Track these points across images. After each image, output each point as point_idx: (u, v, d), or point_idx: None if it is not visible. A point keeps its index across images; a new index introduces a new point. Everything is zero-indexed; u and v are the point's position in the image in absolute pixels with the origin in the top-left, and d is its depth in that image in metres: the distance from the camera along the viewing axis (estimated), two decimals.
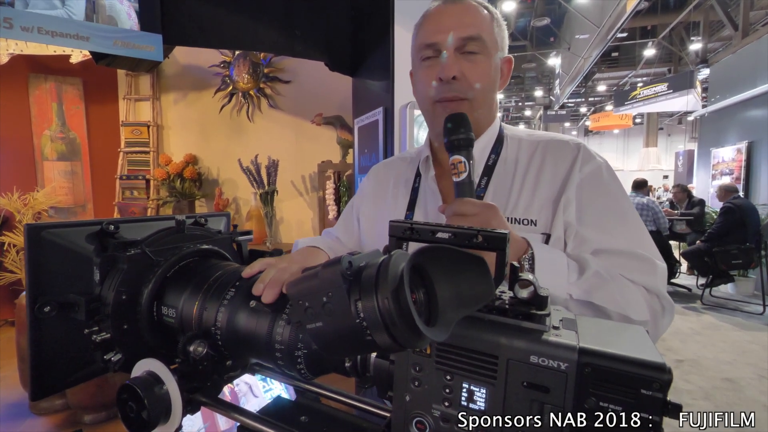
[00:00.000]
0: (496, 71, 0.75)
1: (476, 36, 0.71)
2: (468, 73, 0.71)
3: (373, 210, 0.91)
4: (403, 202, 0.84)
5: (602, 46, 6.97)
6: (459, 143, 0.63)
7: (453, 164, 0.63)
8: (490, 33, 0.73)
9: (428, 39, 0.73)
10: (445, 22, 0.72)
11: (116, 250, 0.51)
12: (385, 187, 0.91)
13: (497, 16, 0.76)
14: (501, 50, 0.76)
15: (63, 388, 0.53)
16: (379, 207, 0.90)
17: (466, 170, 0.62)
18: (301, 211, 3.52)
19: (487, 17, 0.73)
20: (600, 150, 11.00)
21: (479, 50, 0.71)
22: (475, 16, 0.72)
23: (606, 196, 0.70)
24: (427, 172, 0.82)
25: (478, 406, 0.33)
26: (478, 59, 0.72)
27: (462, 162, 0.62)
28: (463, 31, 0.71)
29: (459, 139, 0.63)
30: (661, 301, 0.64)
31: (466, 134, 0.63)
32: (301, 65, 3.27)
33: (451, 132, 0.64)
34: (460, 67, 0.71)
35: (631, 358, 0.29)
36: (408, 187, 0.85)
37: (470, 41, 0.71)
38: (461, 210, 0.58)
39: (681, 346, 3.56)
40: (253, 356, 0.50)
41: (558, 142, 0.76)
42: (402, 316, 0.26)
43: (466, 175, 0.62)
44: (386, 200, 0.89)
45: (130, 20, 2.11)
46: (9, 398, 2.34)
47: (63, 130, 3.74)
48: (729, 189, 5.05)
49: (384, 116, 2.18)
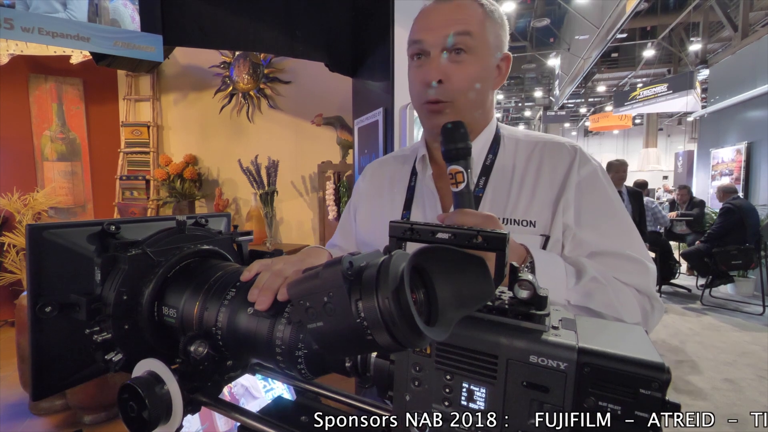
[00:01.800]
0: (488, 70, 0.74)
1: (464, 32, 0.69)
2: (454, 77, 0.70)
3: (369, 209, 0.90)
4: (400, 200, 0.84)
5: (602, 47, 6.98)
6: (457, 153, 0.61)
7: (451, 174, 0.62)
8: (482, 30, 0.71)
9: (415, 35, 0.73)
10: (434, 20, 0.71)
11: (117, 250, 0.51)
12: (380, 186, 0.90)
13: (493, 13, 0.74)
14: (497, 47, 0.74)
15: (64, 387, 0.53)
16: (375, 206, 0.89)
17: (464, 180, 0.61)
18: (301, 212, 3.52)
19: (479, 13, 0.72)
20: (600, 151, 11.00)
21: (468, 48, 0.70)
22: (465, 13, 0.71)
23: (601, 198, 0.72)
24: (424, 171, 0.82)
25: (477, 406, 0.34)
26: (466, 60, 0.70)
27: (461, 172, 0.61)
28: (451, 28, 0.69)
29: (457, 148, 0.61)
30: (651, 301, 0.67)
31: (464, 143, 0.61)
32: (301, 66, 3.27)
33: (449, 141, 0.62)
34: (445, 70, 0.70)
35: (630, 358, 0.29)
36: (404, 185, 0.85)
37: (458, 38, 0.69)
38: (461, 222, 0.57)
39: (681, 347, 3.57)
40: (254, 356, 0.50)
41: (555, 143, 0.76)
42: (402, 316, 0.26)
43: (464, 186, 0.61)
44: (382, 199, 0.88)
45: (134, 23, 2.11)
46: (9, 398, 2.34)
47: (63, 131, 3.74)
48: (727, 190, 5.06)
49: (384, 117, 2.19)
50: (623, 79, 13.89)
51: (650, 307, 0.66)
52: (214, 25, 2.19)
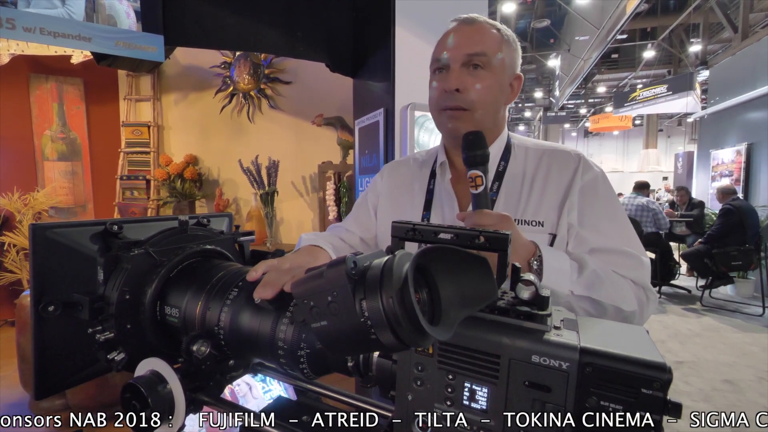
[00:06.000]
0: (501, 86, 0.82)
1: (481, 53, 0.78)
2: (470, 87, 0.78)
3: (390, 209, 0.95)
4: (420, 201, 0.90)
5: (602, 48, 6.99)
6: (477, 159, 0.69)
7: (471, 178, 0.69)
8: (498, 51, 0.80)
9: (438, 53, 0.82)
10: (457, 40, 0.80)
11: (120, 250, 0.51)
12: (400, 186, 0.97)
13: (508, 37, 0.83)
14: (510, 68, 0.83)
15: (66, 387, 0.53)
16: (396, 206, 0.95)
17: (483, 183, 0.69)
18: (301, 212, 3.52)
19: (496, 37, 0.81)
20: (600, 151, 11.00)
21: (484, 65, 0.79)
22: (483, 36, 0.80)
23: (602, 201, 0.79)
24: (443, 175, 0.89)
25: (480, 406, 0.34)
26: (481, 74, 0.79)
27: (480, 176, 0.69)
28: (470, 48, 0.78)
29: (476, 155, 0.69)
30: (646, 293, 0.74)
31: (483, 151, 0.69)
32: (302, 66, 3.27)
33: (470, 149, 0.70)
34: (463, 80, 0.78)
35: (632, 358, 0.29)
36: (423, 188, 0.92)
37: (476, 57, 0.78)
38: (480, 221, 0.64)
39: (681, 348, 3.57)
40: (256, 356, 0.50)
41: (561, 152, 0.85)
42: (406, 316, 0.26)
43: (483, 188, 0.69)
44: (402, 199, 0.95)
45: (129, 19, 2.12)
46: (9, 398, 2.34)
47: (64, 131, 3.74)
48: (727, 191, 5.05)
49: (385, 117, 2.19)
50: (623, 80, 13.90)
51: (645, 298, 0.73)
52: (215, 26, 2.19)
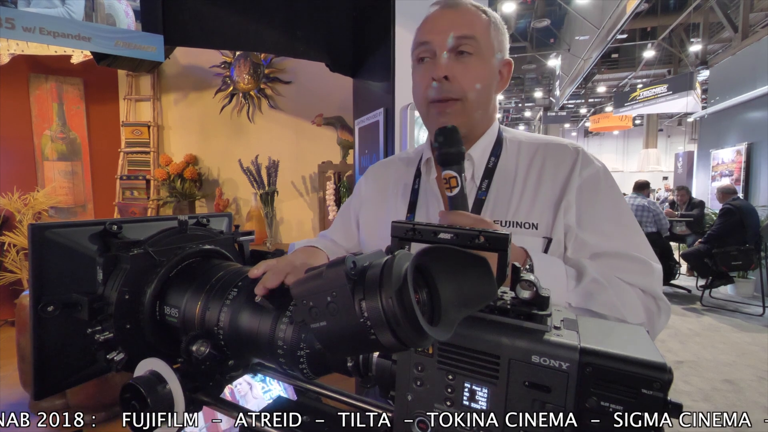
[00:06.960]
0: (491, 73, 0.76)
1: (470, 35, 0.72)
2: (460, 75, 0.72)
3: (374, 213, 0.90)
4: (403, 203, 0.84)
5: (602, 48, 6.98)
6: (450, 158, 0.62)
7: (445, 179, 0.62)
8: (486, 35, 0.74)
9: (423, 37, 0.75)
10: (440, 24, 0.73)
11: (119, 250, 0.51)
12: (384, 190, 0.90)
13: (495, 20, 0.76)
14: (499, 52, 0.76)
15: (66, 387, 0.53)
16: (380, 210, 0.89)
17: (458, 185, 0.61)
18: (301, 212, 3.52)
19: (483, 20, 0.74)
20: (600, 151, 10.96)
21: (473, 51, 0.72)
22: (470, 19, 0.73)
23: (604, 200, 0.71)
24: (428, 174, 0.82)
25: (479, 406, 0.34)
26: (471, 61, 0.72)
27: (454, 177, 0.61)
28: (457, 32, 0.71)
29: (450, 153, 0.62)
30: (657, 302, 0.65)
31: (457, 148, 0.62)
32: (302, 66, 3.27)
33: (442, 146, 0.62)
34: (452, 68, 0.72)
35: (632, 358, 0.29)
36: (408, 188, 0.85)
37: (464, 41, 0.71)
38: (455, 221, 0.58)
39: (680, 348, 3.57)
40: (256, 356, 0.50)
41: (557, 145, 0.77)
42: (406, 316, 0.26)
43: (458, 190, 0.62)
44: (386, 203, 0.88)
45: (128, 18, 2.12)
46: (9, 398, 2.34)
47: (63, 130, 3.74)
48: (726, 191, 5.05)
49: (385, 117, 2.19)
50: (623, 79, 13.88)
51: (656, 308, 0.65)
52: (215, 25, 2.19)
